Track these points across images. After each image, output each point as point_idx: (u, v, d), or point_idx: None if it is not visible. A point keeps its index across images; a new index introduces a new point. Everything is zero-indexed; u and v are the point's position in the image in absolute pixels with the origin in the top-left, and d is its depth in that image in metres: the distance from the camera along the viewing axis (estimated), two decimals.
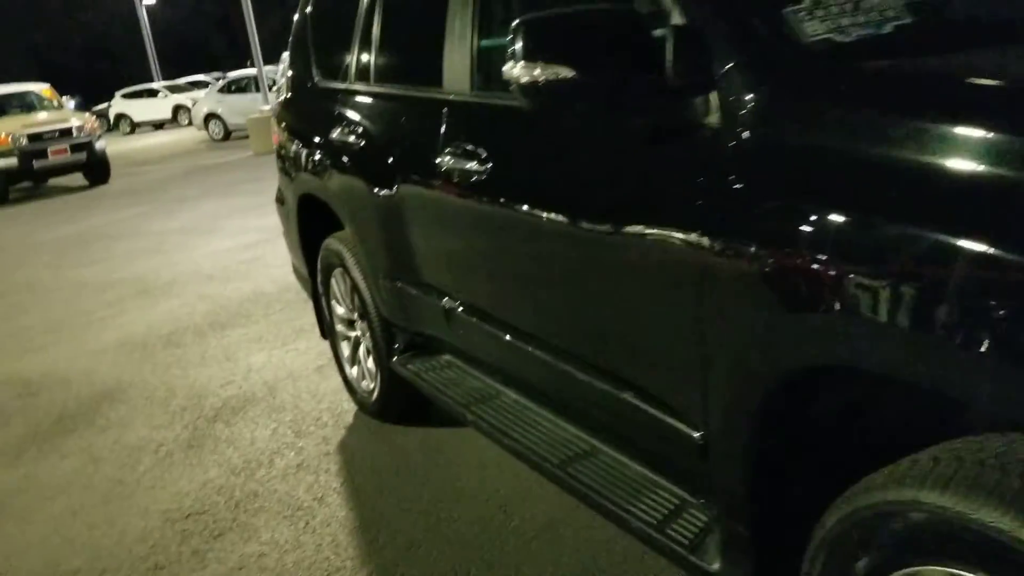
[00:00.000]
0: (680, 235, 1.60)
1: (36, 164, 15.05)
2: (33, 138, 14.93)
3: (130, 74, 39.83)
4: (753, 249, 1.43)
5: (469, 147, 2.36)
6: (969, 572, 1.17)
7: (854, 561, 1.34)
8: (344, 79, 3.37)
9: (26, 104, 16.65)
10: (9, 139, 14.74)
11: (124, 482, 3.46)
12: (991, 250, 1.10)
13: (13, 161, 14.78)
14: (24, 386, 4.81)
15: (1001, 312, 1.10)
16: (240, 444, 3.63)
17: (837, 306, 1.31)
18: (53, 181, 16.27)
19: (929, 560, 1.24)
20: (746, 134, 1.51)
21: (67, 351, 5.38)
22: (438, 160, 2.48)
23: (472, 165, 2.33)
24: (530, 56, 1.68)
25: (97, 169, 15.79)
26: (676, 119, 1.65)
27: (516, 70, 1.71)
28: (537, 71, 1.67)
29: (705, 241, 1.53)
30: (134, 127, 32.33)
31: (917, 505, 1.21)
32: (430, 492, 3.00)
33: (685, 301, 1.61)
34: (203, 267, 7.17)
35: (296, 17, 3.90)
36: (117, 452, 3.76)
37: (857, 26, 1.61)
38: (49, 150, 15.03)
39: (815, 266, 1.33)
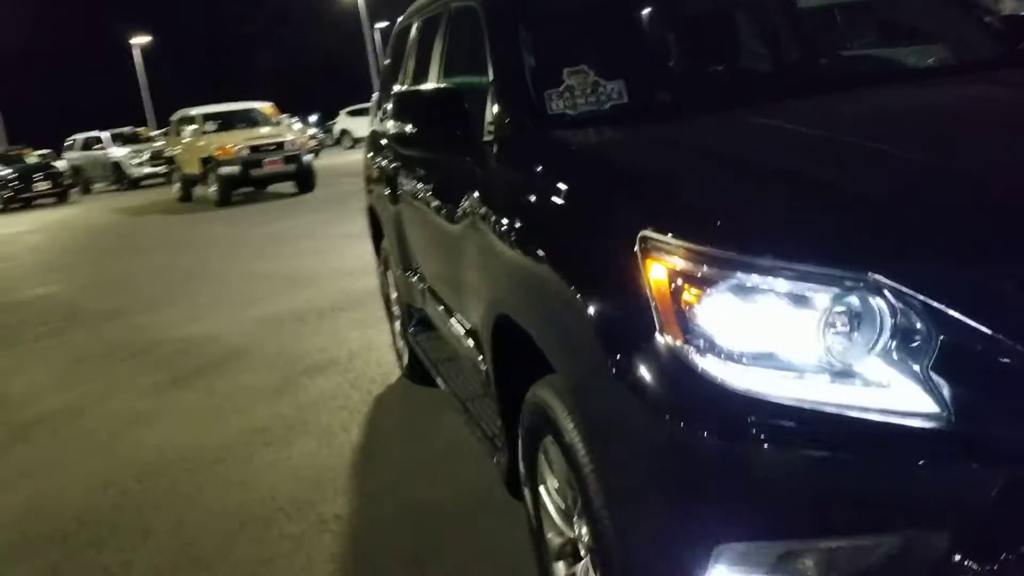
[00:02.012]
0: (466, 221, 2.55)
1: (253, 173, 17.44)
2: (253, 150, 17.33)
3: (360, 93, 43.44)
4: (484, 230, 2.35)
5: (408, 176, 3.40)
6: (552, 437, 1.99)
7: (531, 437, 2.18)
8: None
9: (250, 120, 19.27)
10: (233, 150, 17.20)
11: (222, 408, 4.72)
12: (540, 252, 1.98)
13: (235, 169, 17.23)
14: (182, 344, 6.29)
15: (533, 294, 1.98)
16: (310, 390, 4.80)
17: (504, 277, 2.22)
18: (271, 188, 18.68)
19: (548, 433, 2.10)
20: (492, 163, 2.43)
21: (221, 322, 6.85)
22: (399, 189, 3.54)
23: (410, 188, 3.36)
24: (395, 116, 2.68)
25: (304, 179, 18.00)
26: (470, 156, 2.58)
27: (388, 124, 2.71)
28: (393, 126, 2.66)
29: (473, 222, 2.47)
30: (355, 142, 35.28)
31: (538, 399, 2.05)
32: (425, 430, 4.00)
33: (469, 255, 2.55)
34: (348, 265, 8.53)
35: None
36: (227, 390, 5.05)
37: (586, 105, 2.48)
38: (265, 161, 17.39)
39: (499, 247, 2.24)
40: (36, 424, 4.94)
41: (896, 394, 1.38)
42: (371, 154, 4.72)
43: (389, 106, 3.17)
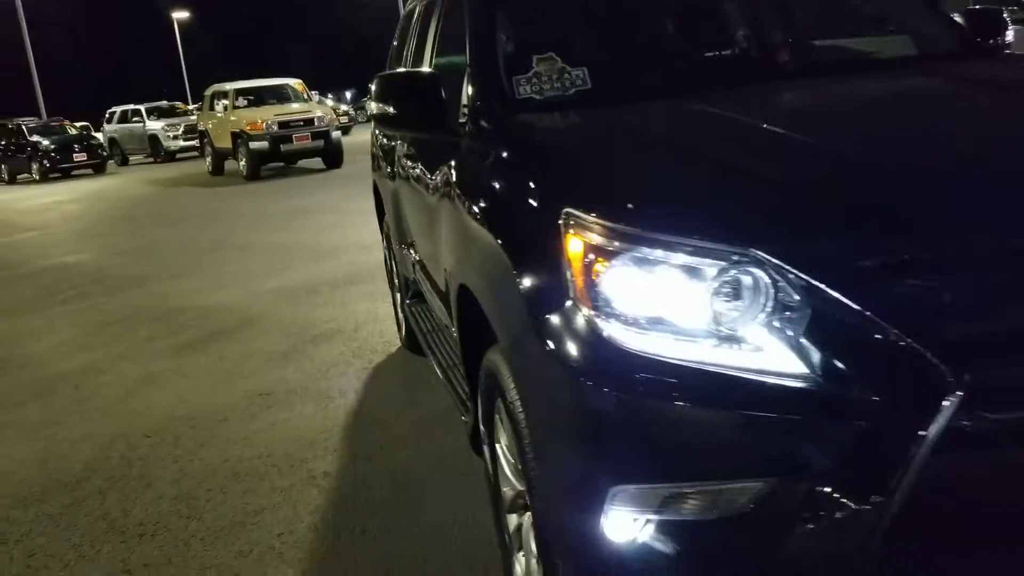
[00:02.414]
0: (440, 197, 2.73)
1: (283, 148, 17.73)
2: (282, 125, 17.62)
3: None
4: (452, 206, 2.53)
5: (398, 155, 3.58)
6: (500, 398, 2.17)
7: (487, 399, 2.36)
8: None
9: (281, 96, 19.55)
10: (263, 125, 17.50)
11: (231, 372, 4.97)
12: (487, 227, 2.16)
13: (265, 144, 17.54)
14: (201, 311, 6.56)
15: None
16: (315, 358, 5.03)
17: (462, 250, 2.40)
18: (300, 163, 18.98)
19: (499, 395, 2.28)
20: (463, 143, 2.61)
21: (239, 292, 7.11)
22: (393, 167, 3.73)
23: (400, 165, 3.55)
24: (377, 98, 2.85)
25: (332, 155, 18.27)
26: (445, 136, 2.76)
27: (370, 105, 2.89)
28: (375, 107, 2.84)
29: (445, 199, 2.65)
30: None
31: (490, 363, 2.22)
32: (418, 397, 4.21)
33: (442, 230, 2.73)
34: (365, 239, 8.75)
35: None
36: (238, 355, 5.29)
37: (552, 90, 2.64)
38: (294, 136, 17.67)
39: (461, 222, 2.42)
40: (59, 381, 5.22)
41: (772, 357, 1.54)
42: (376, 134, 4.91)
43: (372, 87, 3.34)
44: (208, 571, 2.87)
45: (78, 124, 33.80)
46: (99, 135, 31.46)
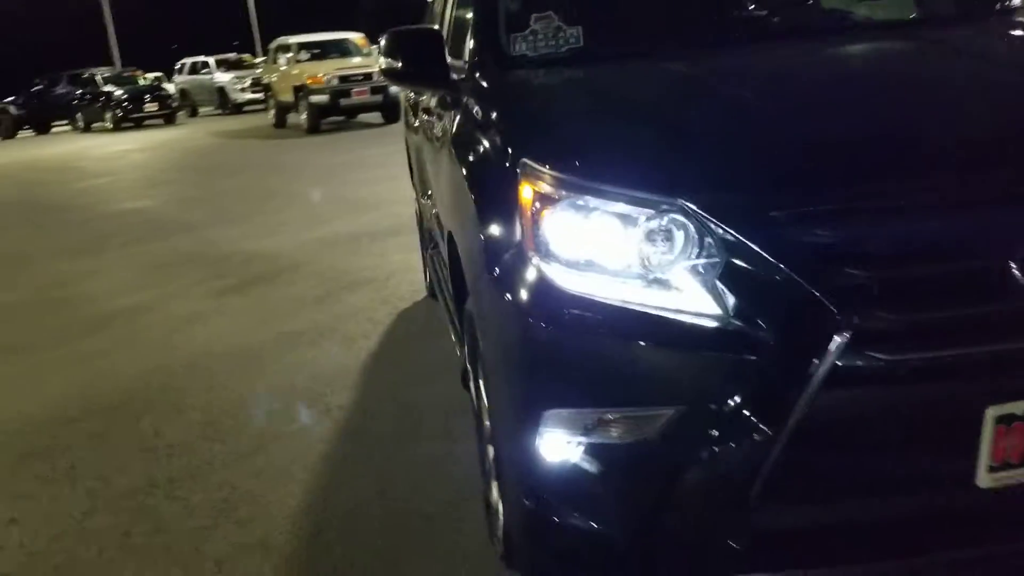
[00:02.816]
0: (441, 149, 2.91)
1: (342, 102, 18.01)
2: (342, 79, 17.87)
3: None
4: (446, 157, 2.71)
5: (416, 109, 3.76)
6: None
7: (470, 339, 2.51)
8: None
9: (342, 50, 19.80)
10: (324, 79, 17.79)
11: (268, 313, 5.28)
12: (464, 177, 2.34)
13: (325, 98, 17.84)
14: (247, 257, 6.89)
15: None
16: (346, 303, 5.30)
17: (449, 199, 2.58)
18: (360, 117, 19.27)
19: None
20: (462, 95, 2.76)
21: (285, 240, 7.42)
22: (415, 121, 3.92)
23: (417, 119, 3.73)
24: (385, 53, 3.03)
25: (390, 110, 18.44)
26: (446, 91, 2.93)
27: (381, 60, 3.07)
28: (384, 63, 3.02)
29: (442, 151, 2.83)
30: None
31: (469, 306, 2.40)
32: (435, 342, 4.44)
33: (440, 182, 2.91)
34: (410, 194, 8.97)
35: None
36: (276, 299, 5.59)
37: (546, 48, 2.79)
38: (353, 91, 17.91)
39: (450, 173, 2.60)
40: (111, 317, 5.59)
41: (690, 298, 1.70)
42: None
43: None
44: (225, 487, 3.15)
45: (151, 75, 34.67)
46: (170, 86, 32.22)
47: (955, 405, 1.63)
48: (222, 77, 29.95)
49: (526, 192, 1.91)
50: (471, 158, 2.40)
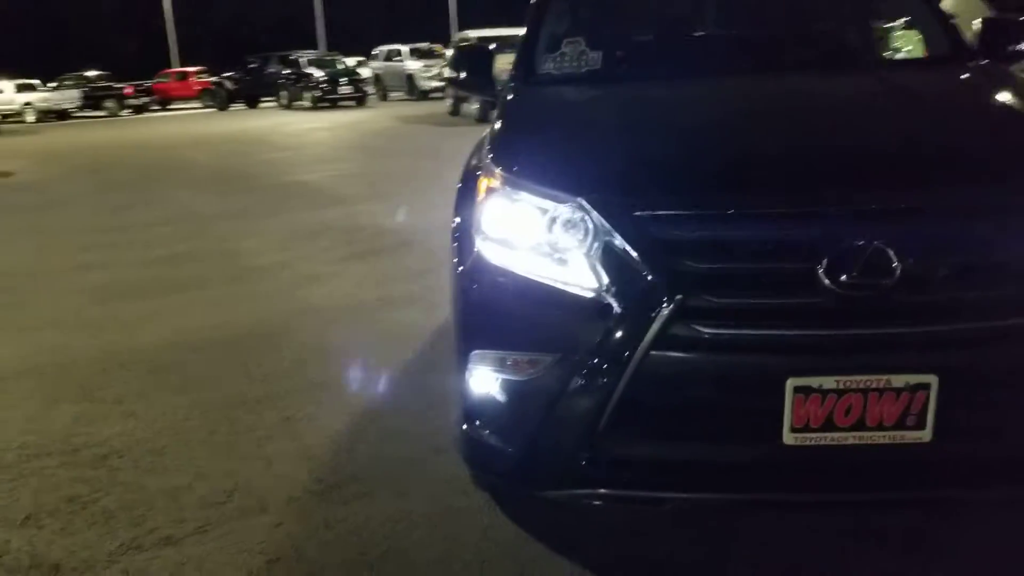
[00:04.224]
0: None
1: None
2: None
3: None
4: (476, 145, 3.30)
5: None
6: None
7: None
8: None
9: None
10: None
11: (377, 280, 6.06)
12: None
13: None
14: (377, 231, 7.75)
15: None
16: (443, 276, 5.94)
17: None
18: None
19: None
20: (513, 95, 3.32)
21: (417, 220, 8.24)
22: None
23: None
24: (452, 65, 3.66)
25: None
26: (490, 97, 3.50)
27: (446, 71, 3.71)
28: (449, 72, 3.64)
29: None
30: None
31: None
32: None
33: None
34: None
35: None
36: (388, 268, 6.37)
37: (567, 67, 3.31)
38: None
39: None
40: (252, 271, 6.55)
41: (577, 274, 2.20)
42: None
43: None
44: (290, 409, 3.87)
45: (351, 60, 37.04)
46: (366, 71, 34.37)
47: (762, 374, 2.05)
48: (412, 65, 31.67)
49: (483, 186, 2.47)
50: (473, 155, 2.96)
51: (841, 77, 3.08)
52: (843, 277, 1.98)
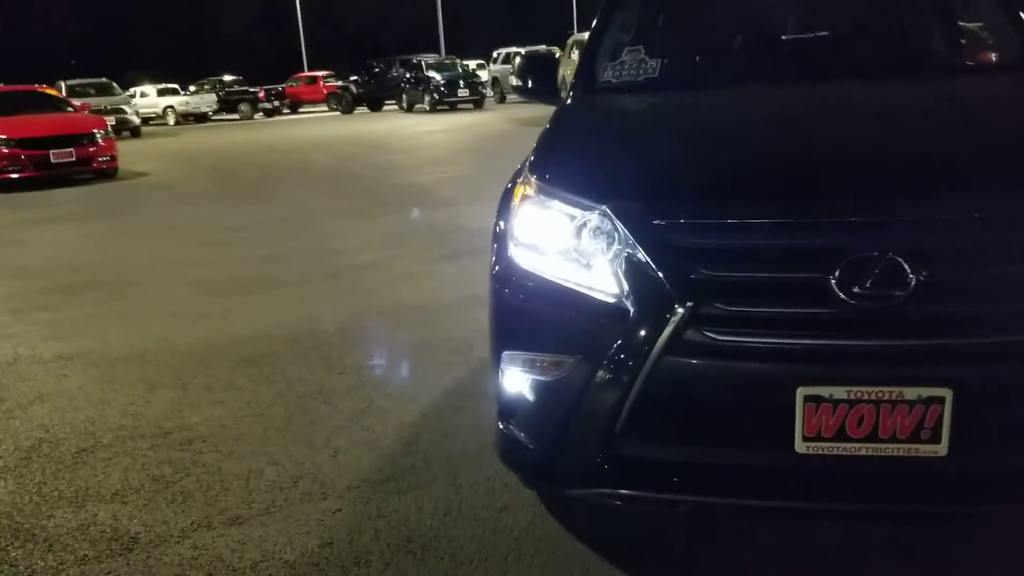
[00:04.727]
0: None
1: None
2: None
3: None
4: None
5: None
6: None
7: None
8: None
9: None
10: None
11: (463, 280, 6.22)
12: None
13: None
14: (473, 232, 7.92)
15: None
16: None
17: None
18: None
19: None
20: (569, 102, 3.41)
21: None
22: None
23: None
24: (517, 74, 3.76)
25: None
26: (556, 103, 3.59)
27: (512, 78, 3.81)
28: (516, 81, 3.75)
29: None
30: None
31: None
32: None
33: None
34: None
35: None
36: (476, 269, 6.52)
37: (626, 76, 3.37)
38: None
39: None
40: (348, 269, 6.85)
41: (601, 279, 2.27)
42: None
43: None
44: (366, 402, 4.06)
45: (472, 63, 37.72)
46: (484, 73, 34.91)
47: (772, 382, 2.07)
48: None
49: (519, 192, 2.57)
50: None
51: (889, 85, 3.03)
52: (855, 288, 1.99)
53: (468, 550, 2.81)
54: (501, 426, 2.57)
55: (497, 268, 2.54)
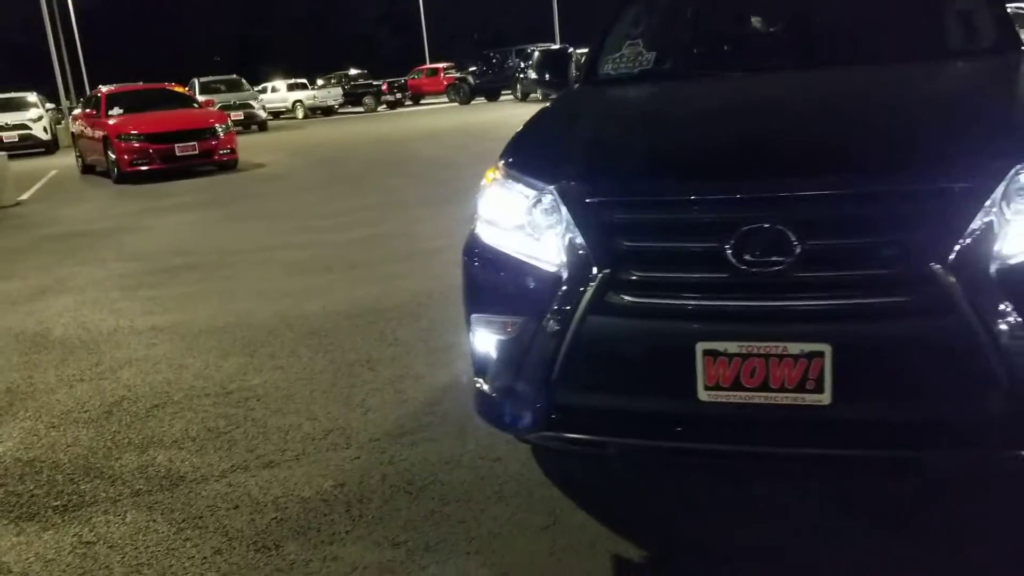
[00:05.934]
0: None
1: None
2: None
3: None
4: None
5: None
6: None
7: None
8: None
9: None
10: None
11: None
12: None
13: None
14: None
15: None
16: None
17: None
18: None
19: None
20: (561, 94, 3.73)
21: None
22: None
23: None
24: (535, 68, 4.08)
25: None
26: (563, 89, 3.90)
27: (530, 71, 4.15)
28: (533, 74, 4.07)
29: None
30: None
31: None
32: None
33: None
34: None
35: None
36: None
37: (624, 68, 3.64)
38: None
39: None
40: (417, 253, 7.33)
41: (547, 251, 2.59)
42: None
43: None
44: (406, 368, 4.48)
45: (581, 51, 37.91)
46: None
47: (677, 338, 2.35)
48: None
49: (488, 175, 2.91)
50: None
51: (828, 73, 3.20)
52: (747, 256, 2.24)
53: (457, 492, 3.18)
54: (476, 383, 2.92)
55: (467, 241, 2.89)
